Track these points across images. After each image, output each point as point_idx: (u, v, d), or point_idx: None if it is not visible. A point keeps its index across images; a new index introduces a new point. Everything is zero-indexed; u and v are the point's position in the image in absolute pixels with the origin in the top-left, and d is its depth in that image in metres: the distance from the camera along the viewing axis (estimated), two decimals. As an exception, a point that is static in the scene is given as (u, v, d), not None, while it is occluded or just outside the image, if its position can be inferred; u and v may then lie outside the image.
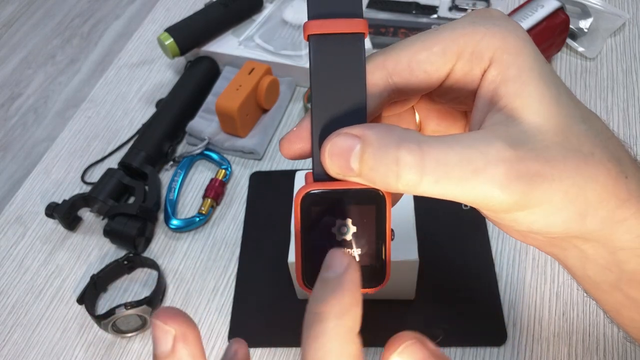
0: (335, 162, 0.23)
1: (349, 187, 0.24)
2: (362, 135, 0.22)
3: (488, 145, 0.22)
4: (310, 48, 0.24)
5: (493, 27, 0.24)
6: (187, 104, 0.71)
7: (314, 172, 0.24)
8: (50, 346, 0.55)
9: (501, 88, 0.24)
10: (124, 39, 0.86)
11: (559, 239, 0.25)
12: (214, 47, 0.75)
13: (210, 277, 0.58)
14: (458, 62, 0.24)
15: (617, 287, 0.26)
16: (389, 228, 0.24)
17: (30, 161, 0.72)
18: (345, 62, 0.24)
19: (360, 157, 0.22)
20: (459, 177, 0.21)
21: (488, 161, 0.21)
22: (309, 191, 0.24)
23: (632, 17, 0.78)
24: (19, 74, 0.84)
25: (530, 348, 0.50)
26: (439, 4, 0.79)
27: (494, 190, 0.21)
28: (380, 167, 0.22)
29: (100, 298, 0.58)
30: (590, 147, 0.23)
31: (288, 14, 0.78)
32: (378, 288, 0.25)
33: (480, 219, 0.58)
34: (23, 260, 0.62)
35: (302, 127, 0.25)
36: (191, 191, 0.66)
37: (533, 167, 0.22)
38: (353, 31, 0.24)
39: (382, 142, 0.22)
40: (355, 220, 0.24)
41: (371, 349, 0.51)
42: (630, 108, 0.68)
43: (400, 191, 0.23)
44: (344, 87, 0.24)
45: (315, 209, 0.24)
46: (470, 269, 0.55)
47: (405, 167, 0.22)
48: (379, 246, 0.24)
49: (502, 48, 0.23)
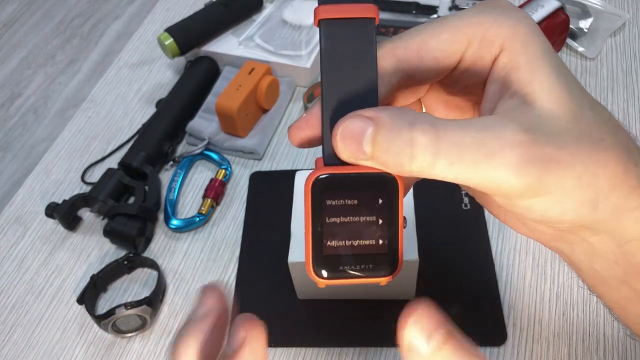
0: (347, 145, 0.22)
1: (361, 172, 0.23)
2: (375, 118, 0.22)
3: (503, 129, 0.22)
4: (321, 33, 0.24)
5: (502, 16, 0.24)
6: (187, 104, 0.71)
7: (325, 156, 0.24)
8: (50, 346, 0.55)
9: (512, 75, 0.23)
10: (124, 39, 0.86)
11: (567, 231, 0.25)
12: (214, 47, 0.75)
13: (210, 277, 0.58)
14: (468, 49, 0.24)
15: (624, 281, 0.26)
16: (401, 215, 0.24)
17: (30, 161, 0.72)
18: (356, 46, 0.24)
19: (373, 140, 0.22)
20: (473, 160, 0.21)
21: (503, 144, 0.21)
22: (319, 176, 0.23)
23: (632, 17, 0.78)
24: (19, 74, 0.84)
25: (530, 348, 0.50)
26: (439, 4, 0.79)
27: (508, 174, 0.21)
28: (393, 149, 0.21)
29: (100, 298, 0.58)
30: (600, 134, 0.23)
31: (288, 14, 0.78)
32: (390, 277, 0.24)
33: (480, 219, 0.58)
34: (23, 260, 0.62)
35: (311, 114, 0.25)
36: (191, 191, 0.66)
37: (547, 151, 0.21)
38: (364, 16, 0.24)
39: (396, 124, 0.22)
40: (366, 205, 0.23)
41: (371, 349, 0.51)
42: (630, 108, 0.68)
43: (413, 173, 0.22)
44: (355, 71, 0.24)
45: (326, 193, 0.23)
46: (470, 269, 0.55)
47: (420, 147, 0.21)
48: (391, 233, 0.24)
49: (512, 36, 0.24)
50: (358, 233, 0.24)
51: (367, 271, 0.24)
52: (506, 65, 0.24)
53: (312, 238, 0.24)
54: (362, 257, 0.24)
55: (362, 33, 0.24)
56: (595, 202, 0.23)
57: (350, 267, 0.24)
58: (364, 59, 0.24)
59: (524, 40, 0.23)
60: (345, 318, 0.53)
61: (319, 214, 0.23)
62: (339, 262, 0.24)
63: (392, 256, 0.24)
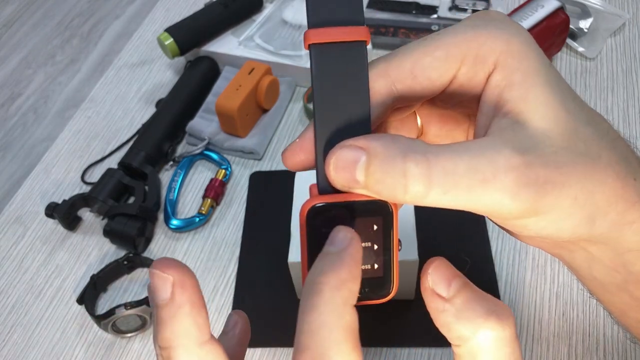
0: (340, 175, 0.22)
1: (355, 200, 0.23)
2: (367, 147, 0.22)
3: (496, 153, 0.21)
4: (312, 57, 0.23)
5: (495, 30, 0.24)
6: (187, 104, 0.71)
7: (319, 185, 0.24)
8: (50, 346, 0.55)
9: (506, 93, 0.23)
10: (124, 39, 0.86)
11: (566, 241, 0.25)
12: (214, 47, 0.75)
13: (210, 277, 0.58)
14: (462, 67, 0.24)
15: (623, 288, 0.26)
16: (396, 239, 0.24)
17: (30, 161, 0.72)
18: (348, 71, 0.23)
19: (366, 170, 0.22)
20: (467, 187, 0.21)
21: (497, 170, 0.21)
22: (315, 205, 0.23)
23: (632, 17, 0.78)
24: (19, 74, 0.84)
25: (530, 348, 0.50)
26: (439, 4, 0.79)
27: (503, 199, 0.21)
28: (387, 180, 0.21)
29: (100, 298, 0.58)
30: (597, 150, 0.23)
31: (288, 14, 0.78)
32: (386, 299, 0.25)
33: (480, 219, 0.58)
34: (23, 260, 0.62)
35: (304, 138, 0.25)
36: (191, 191, 0.66)
37: (542, 173, 0.21)
38: (354, 39, 0.23)
39: (388, 154, 0.21)
40: (362, 232, 0.23)
41: (371, 349, 0.51)
42: (630, 108, 0.68)
43: (407, 202, 0.22)
44: (347, 97, 0.23)
45: (322, 222, 0.23)
46: (470, 269, 0.55)
47: (412, 178, 0.21)
48: (387, 257, 0.24)
49: (506, 52, 0.23)
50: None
51: (364, 294, 0.24)
52: (500, 83, 0.23)
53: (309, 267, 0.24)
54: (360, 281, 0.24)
55: (353, 57, 0.23)
56: (592, 219, 0.23)
57: None
58: (356, 84, 0.23)
59: (518, 56, 0.23)
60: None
61: (315, 242, 0.23)
62: None
63: (387, 279, 0.24)
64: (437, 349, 0.51)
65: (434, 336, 0.51)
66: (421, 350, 0.51)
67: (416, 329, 0.52)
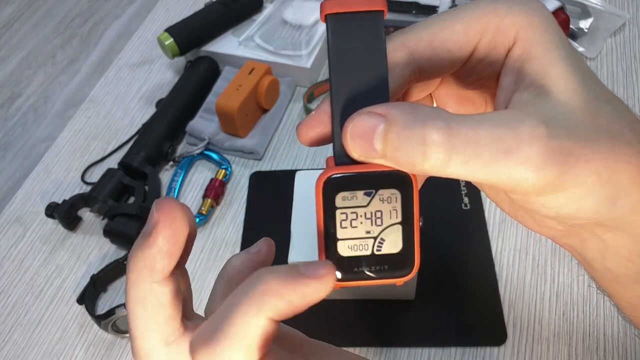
0: (357, 144, 0.21)
1: (373, 170, 0.22)
2: (385, 114, 0.21)
3: (520, 123, 0.21)
4: (328, 28, 0.23)
5: (515, 5, 0.23)
6: (187, 104, 0.71)
7: (335, 155, 0.23)
8: (50, 346, 0.55)
9: (527, 66, 0.23)
10: (124, 39, 0.86)
11: (580, 226, 0.25)
12: (214, 47, 0.75)
13: (210, 277, 0.58)
14: (481, 40, 0.24)
15: (637, 280, 0.25)
16: (416, 212, 0.23)
17: (30, 161, 0.72)
18: (365, 40, 0.23)
19: (384, 137, 0.21)
20: (490, 157, 0.20)
21: (521, 140, 0.20)
22: (331, 175, 0.22)
23: (632, 17, 0.78)
24: (19, 74, 0.84)
25: (530, 348, 0.50)
26: (439, 4, 0.79)
27: (527, 172, 0.20)
28: (405, 147, 0.21)
29: (100, 298, 0.58)
30: (619, 128, 0.22)
31: (288, 14, 0.78)
32: (408, 277, 0.24)
33: (480, 219, 0.58)
34: (23, 260, 0.62)
35: (321, 111, 0.24)
36: (191, 191, 0.66)
37: (567, 145, 0.21)
38: (372, 9, 0.23)
39: (408, 121, 0.21)
40: (380, 205, 0.23)
41: (371, 349, 0.51)
42: (630, 108, 0.68)
43: (426, 172, 0.21)
44: (364, 66, 0.23)
45: (338, 194, 0.23)
46: (470, 269, 0.55)
47: (432, 145, 0.20)
48: (407, 233, 0.23)
49: (527, 26, 0.23)
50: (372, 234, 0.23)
51: (383, 272, 0.23)
52: (521, 57, 0.23)
53: (325, 239, 0.23)
54: (378, 257, 0.23)
55: (370, 26, 0.23)
56: (614, 198, 0.22)
57: (366, 268, 0.23)
58: (374, 53, 0.23)
59: (539, 31, 0.23)
60: (344, 318, 0.53)
61: (332, 214, 0.23)
62: (354, 264, 0.23)
63: (408, 256, 0.23)
64: (437, 349, 0.51)
65: (434, 336, 0.51)
66: (421, 350, 0.51)
67: (416, 329, 0.52)
